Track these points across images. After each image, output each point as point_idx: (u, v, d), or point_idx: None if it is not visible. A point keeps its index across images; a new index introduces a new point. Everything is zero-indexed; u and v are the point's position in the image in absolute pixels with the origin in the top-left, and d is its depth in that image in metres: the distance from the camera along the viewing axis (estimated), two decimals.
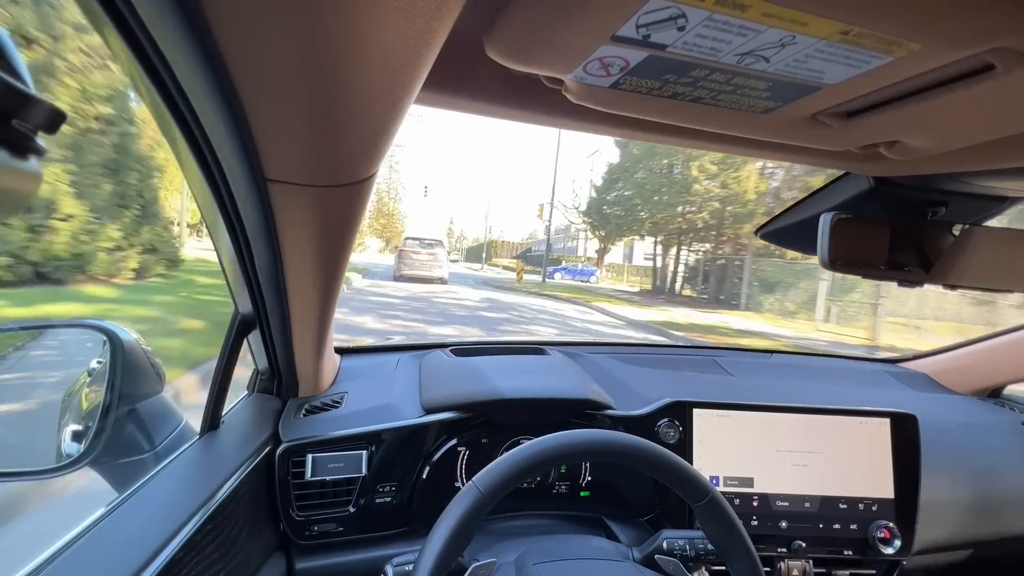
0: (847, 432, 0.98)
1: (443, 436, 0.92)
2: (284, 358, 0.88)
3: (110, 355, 0.80)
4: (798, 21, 0.33)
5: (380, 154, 0.48)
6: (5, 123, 0.19)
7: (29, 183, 0.21)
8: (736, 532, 0.61)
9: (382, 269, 19.63)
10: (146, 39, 0.33)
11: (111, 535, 0.54)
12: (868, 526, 0.95)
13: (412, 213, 65.62)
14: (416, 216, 67.00)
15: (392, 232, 50.42)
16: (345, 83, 0.36)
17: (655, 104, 0.48)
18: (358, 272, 15.97)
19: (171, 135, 0.45)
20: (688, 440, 0.96)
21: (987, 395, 1.34)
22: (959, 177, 0.69)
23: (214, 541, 0.61)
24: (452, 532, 0.53)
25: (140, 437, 0.82)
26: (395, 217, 52.55)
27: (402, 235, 29.90)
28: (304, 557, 0.85)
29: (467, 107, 0.56)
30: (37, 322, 0.90)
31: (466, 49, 0.45)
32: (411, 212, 55.07)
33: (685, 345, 1.54)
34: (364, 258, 33.85)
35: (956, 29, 0.33)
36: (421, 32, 0.32)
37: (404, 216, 53.31)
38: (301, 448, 0.84)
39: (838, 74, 0.40)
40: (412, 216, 65.33)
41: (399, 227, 51.72)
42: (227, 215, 0.56)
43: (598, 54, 0.39)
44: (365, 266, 20.89)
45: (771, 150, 0.66)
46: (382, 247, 50.24)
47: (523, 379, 1.00)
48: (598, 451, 0.61)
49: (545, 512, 0.99)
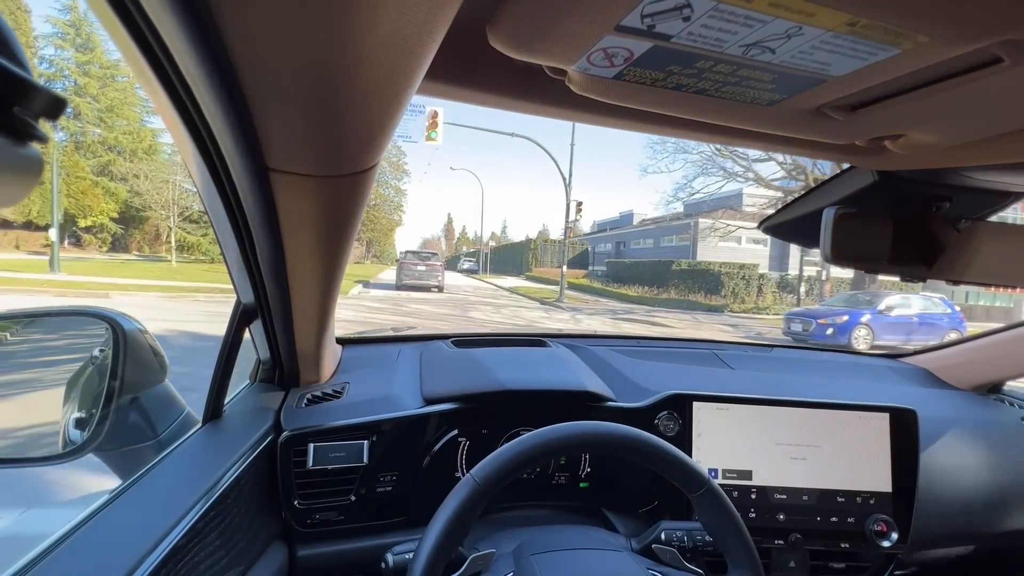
0: (846, 426, 0.99)
1: (444, 427, 0.93)
2: (286, 348, 0.88)
3: (113, 343, 0.80)
4: (805, 12, 0.33)
5: (382, 144, 0.48)
6: (6, 111, 0.19)
7: (31, 171, 0.21)
8: (733, 522, 0.62)
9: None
10: (148, 29, 0.33)
11: (114, 523, 0.54)
12: (865, 519, 0.96)
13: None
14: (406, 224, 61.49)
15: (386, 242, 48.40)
16: (347, 73, 0.36)
17: (659, 95, 0.48)
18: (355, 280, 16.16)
19: (173, 124, 0.45)
20: (688, 433, 0.96)
21: (987, 391, 1.34)
22: (964, 172, 0.69)
23: (216, 529, 0.61)
24: (449, 524, 0.54)
25: (143, 425, 0.83)
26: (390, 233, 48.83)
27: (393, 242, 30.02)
28: (305, 545, 0.86)
29: (469, 97, 0.56)
30: (41, 310, 0.90)
31: (469, 39, 0.45)
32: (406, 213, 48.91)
33: (685, 339, 1.54)
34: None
35: (963, 21, 0.33)
36: (424, 21, 0.32)
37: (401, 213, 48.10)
38: (303, 437, 0.84)
39: (844, 66, 0.40)
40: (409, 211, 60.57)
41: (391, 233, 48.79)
42: (229, 205, 0.56)
43: (602, 44, 0.39)
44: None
45: (775, 142, 0.66)
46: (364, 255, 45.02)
47: (524, 371, 1.01)
48: (594, 443, 0.61)
49: (544, 503, 1.00)
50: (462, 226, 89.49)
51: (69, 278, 11.90)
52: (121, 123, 28.18)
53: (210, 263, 21.50)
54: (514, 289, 21.58)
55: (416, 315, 10.90)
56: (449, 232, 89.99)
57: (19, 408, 0.87)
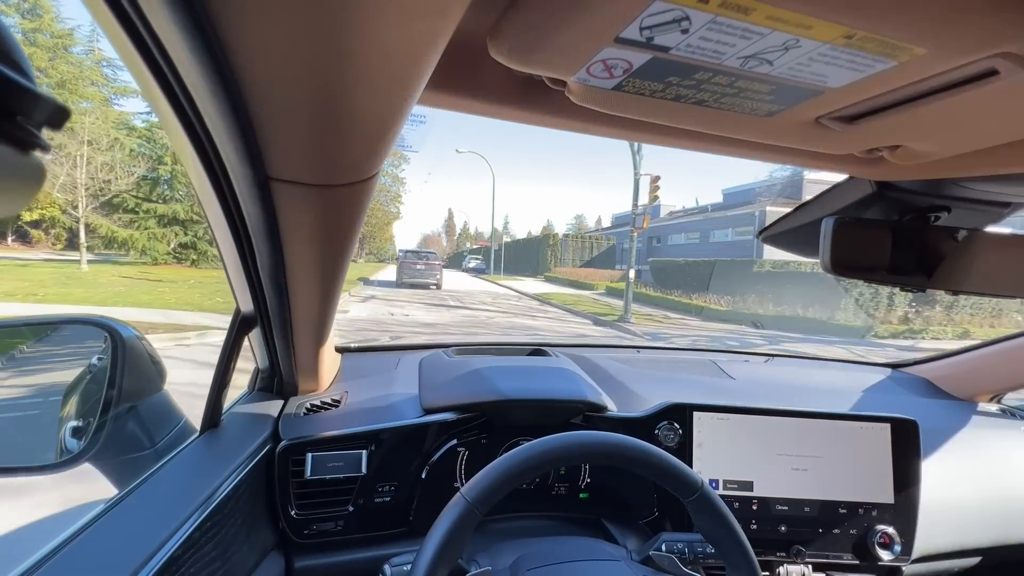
0: (847, 437, 0.98)
1: (443, 436, 0.92)
2: (284, 357, 0.88)
3: (111, 351, 0.80)
4: (802, 24, 0.33)
5: (383, 154, 0.48)
6: (9, 119, 0.19)
7: (33, 179, 0.21)
8: (729, 525, 0.61)
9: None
10: (151, 39, 0.34)
11: (111, 531, 0.54)
12: (868, 530, 0.95)
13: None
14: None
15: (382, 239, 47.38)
16: (349, 84, 0.36)
17: (658, 106, 0.48)
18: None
19: (175, 133, 0.45)
20: (688, 443, 0.96)
21: (988, 401, 1.34)
22: (962, 182, 0.69)
23: (213, 539, 0.61)
24: (442, 544, 0.54)
25: (140, 434, 0.82)
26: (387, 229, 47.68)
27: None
28: (302, 556, 0.85)
29: (469, 107, 0.56)
30: (39, 319, 0.90)
31: (469, 49, 0.45)
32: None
33: (685, 348, 1.53)
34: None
35: (960, 34, 0.33)
36: (425, 32, 0.32)
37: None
38: (301, 447, 0.84)
39: (841, 78, 0.40)
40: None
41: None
42: (229, 214, 0.56)
43: (601, 56, 0.39)
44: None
45: (774, 153, 0.66)
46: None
47: (523, 380, 1.00)
48: (586, 452, 0.61)
49: (544, 514, 0.99)
50: (463, 222, 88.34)
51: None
52: (82, 103, 19.62)
53: (152, 264, 17.75)
54: (543, 297, 16.16)
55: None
56: (450, 228, 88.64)
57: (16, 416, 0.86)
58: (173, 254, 19.02)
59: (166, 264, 18.46)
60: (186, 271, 17.68)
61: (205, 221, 0.66)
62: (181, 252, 19.30)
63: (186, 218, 19.01)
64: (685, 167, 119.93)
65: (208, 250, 19.11)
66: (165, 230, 18.81)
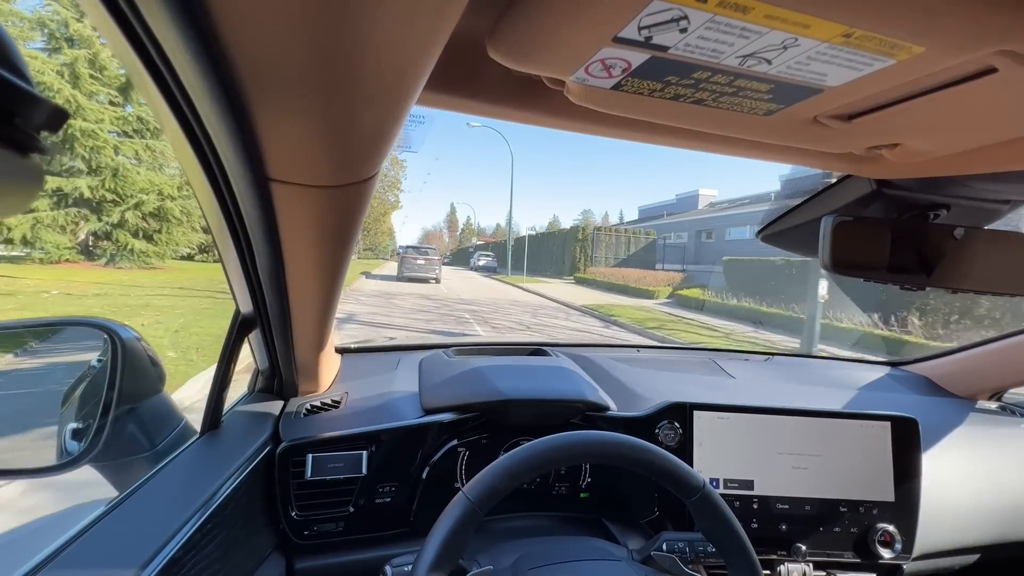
0: (847, 435, 0.98)
1: (443, 436, 0.92)
2: (284, 358, 0.88)
3: (111, 353, 0.80)
4: (800, 23, 0.33)
5: (382, 154, 0.48)
6: (8, 122, 0.19)
7: (32, 181, 0.21)
8: (730, 526, 0.61)
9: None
10: (149, 39, 0.34)
11: (111, 533, 0.54)
12: (868, 529, 0.95)
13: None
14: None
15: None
16: (348, 83, 0.36)
17: (657, 106, 0.48)
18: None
19: (174, 134, 0.45)
20: (688, 442, 0.96)
21: (987, 399, 1.34)
22: (961, 180, 0.69)
23: (214, 540, 0.61)
24: (443, 544, 0.54)
25: (140, 436, 0.82)
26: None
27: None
28: (303, 557, 0.85)
29: (468, 107, 0.56)
30: (39, 321, 0.90)
31: (468, 50, 0.45)
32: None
33: (685, 347, 1.53)
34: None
35: (958, 32, 0.33)
36: (424, 33, 0.32)
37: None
38: (301, 448, 0.84)
39: (840, 76, 0.40)
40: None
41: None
42: (229, 214, 0.56)
43: (600, 55, 0.39)
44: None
45: (773, 152, 0.67)
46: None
47: (523, 380, 1.00)
48: (586, 453, 0.61)
49: (545, 513, 0.99)
50: (467, 216, 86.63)
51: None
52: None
53: (50, 263, 12.16)
54: (602, 311, 10.99)
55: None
56: (452, 223, 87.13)
57: (16, 418, 0.86)
58: (80, 248, 13.74)
59: (71, 262, 13.07)
60: (98, 272, 12.24)
61: (205, 221, 0.66)
62: (95, 245, 14.06)
63: (97, 198, 13.24)
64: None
65: (132, 243, 13.48)
66: (61, 214, 12.79)
